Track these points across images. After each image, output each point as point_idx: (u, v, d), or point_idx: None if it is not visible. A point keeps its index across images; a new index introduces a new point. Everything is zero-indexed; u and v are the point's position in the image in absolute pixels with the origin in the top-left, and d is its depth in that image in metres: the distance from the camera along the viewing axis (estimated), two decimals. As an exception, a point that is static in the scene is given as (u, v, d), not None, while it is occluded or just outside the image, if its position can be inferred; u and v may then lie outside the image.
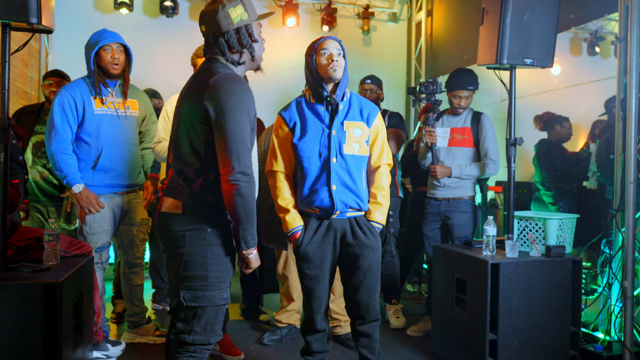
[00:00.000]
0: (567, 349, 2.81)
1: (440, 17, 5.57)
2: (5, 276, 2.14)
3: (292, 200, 2.37)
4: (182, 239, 1.87)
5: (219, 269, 1.89)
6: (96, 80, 2.88)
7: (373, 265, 2.35)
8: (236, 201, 1.81)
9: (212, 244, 1.88)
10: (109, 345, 2.89)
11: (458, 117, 3.40)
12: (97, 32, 2.93)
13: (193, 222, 1.87)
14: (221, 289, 1.90)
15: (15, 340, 2.05)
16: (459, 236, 3.31)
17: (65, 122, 2.82)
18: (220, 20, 1.91)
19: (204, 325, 1.89)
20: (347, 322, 3.25)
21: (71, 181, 2.82)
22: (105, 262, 3.02)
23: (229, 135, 1.80)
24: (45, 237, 2.37)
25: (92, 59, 2.86)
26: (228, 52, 1.94)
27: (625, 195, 2.86)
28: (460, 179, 3.32)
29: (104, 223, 2.93)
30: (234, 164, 1.79)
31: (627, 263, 2.86)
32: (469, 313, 2.79)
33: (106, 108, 2.92)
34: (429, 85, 3.19)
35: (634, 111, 2.83)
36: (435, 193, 3.41)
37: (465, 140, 3.35)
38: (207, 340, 1.90)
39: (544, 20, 2.94)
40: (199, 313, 1.88)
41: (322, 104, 2.34)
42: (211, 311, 1.89)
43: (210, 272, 1.87)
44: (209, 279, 1.87)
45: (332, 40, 2.34)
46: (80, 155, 2.88)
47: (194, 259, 1.86)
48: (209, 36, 1.97)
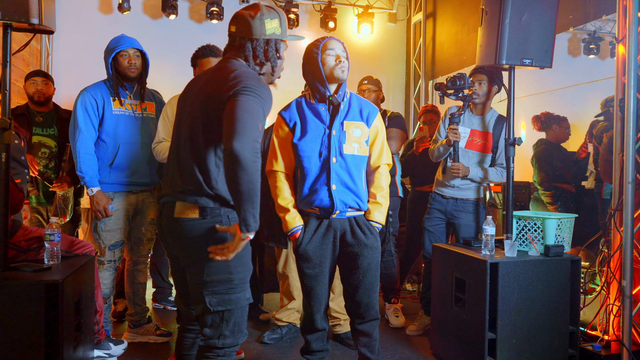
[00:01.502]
0: (566, 348, 2.83)
1: (439, 17, 5.59)
2: (6, 276, 2.15)
3: (292, 200, 2.38)
4: (203, 244, 1.80)
5: (242, 270, 1.87)
6: (114, 83, 2.99)
7: (372, 265, 2.37)
8: (239, 176, 1.63)
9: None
10: (111, 344, 2.90)
11: (481, 119, 3.26)
12: (115, 38, 3.03)
13: (213, 225, 1.81)
14: (245, 289, 1.88)
15: (16, 339, 2.05)
16: (465, 237, 3.25)
17: (89, 122, 2.93)
18: (255, 26, 1.90)
19: (232, 328, 1.86)
20: (347, 321, 3.26)
21: (88, 183, 2.91)
22: (118, 261, 3.05)
23: (240, 106, 1.69)
24: (46, 236, 2.38)
25: (110, 64, 2.97)
26: (252, 59, 1.92)
27: (623, 195, 2.88)
28: (471, 182, 3.25)
29: (118, 221, 3.01)
30: (240, 133, 1.64)
31: (625, 262, 2.87)
32: (468, 312, 2.81)
33: (124, 109, 3.02)
34: (456, 81, 3.07)
35: (632, 111, 2.84)
36: (443, 190, 3.33)
37: (484, 145, 3.22)
38: (236, 341, 1.89)
39: (543, 21, 2.95)
40: (226, 316, 1.84)
41: (324, 103, 2.35)
42: (238, 312, 1.87)
43: (234, 274, 1.84)
44: (234, 282, 1.84)
45: (337, 41, 2.35)
46: (99, 154, 2.97)
47: (218, 263, 1.80)
48: (237, 38, 1.94)
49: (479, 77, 3.21)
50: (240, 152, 1.62)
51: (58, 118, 3.51)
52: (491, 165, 3.26)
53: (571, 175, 4.43)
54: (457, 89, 3.07)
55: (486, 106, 3.26)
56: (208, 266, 1.82)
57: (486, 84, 3.21)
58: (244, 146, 1.63)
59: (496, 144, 3.21)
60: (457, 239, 3.32)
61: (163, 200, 1.94)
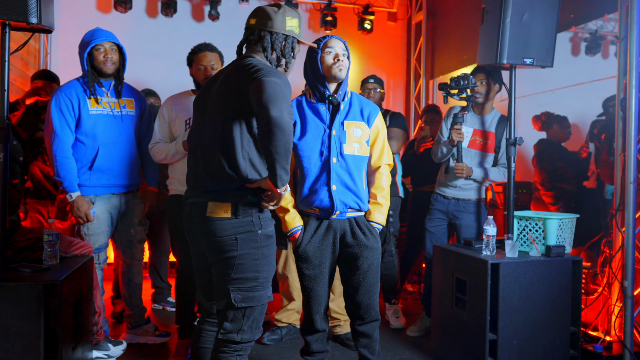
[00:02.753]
0: (567, 349, 2.81)
1: (440, 16, 5.57)
2: (5, 276, 2.14)
3: (292, 200, 2.37)
4: (233, 242, 1.89)
5: (268, 269, 1.95)
6: (90, 80, 2.87)
7: (373, 266, 2.35)
8: (278, 138, 1.71)
9: (262, 246, 1.93)
10: (110, 345, 2.89)
11: (484, 119, 3.26)
12: (89, 32, 2.91)
13: (243, 225, 1.89)
14: (267, 287, 1.97)
15: (15, 340, 2.05)
16: (466, 237, 3.23)
17: (65, 124, 2.81)
18: (276, 20, 1.95)
19: (250, 324, 1.94)
20: (347, 322, 3.25)
21: (67, 188, 2.80)
22: (103, 263, 3.01)
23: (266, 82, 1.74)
24: (45, 237, 2.36)
25: (85, 59, 2.86)
26: (270, 51, 1.97)
27: (625, 195, 2.87)
28: (473, 182, 3.23)
29: (101, 224, 2.92)
30: (275, 100, 1.70)
31: (627, 263, 2.86)
32: (469, 313, 2.79)
33: (101, 108, 2.89)
34: (460, 81, 3.05)
35: (634, 111, 2.83)
36: (444, 191, 3.32)
37: (488, 145, 3.21)
38: (253, 337, 1.96)
39: (544, 20, 2.94)
40: (247, 313, 1.92)
41: (324, 103, 2.34)
42: (258, 310, 1.95)
43: (261, 272, 1.92)
44: (259, 280, 1.92)
45: (338, 40, 2.33)
46: (77, 156, 2.85)
47: (246, 262, 1.90)
48: (256, 31, 1.98)
49: (480, 77, 3.21)
50: (279, 116, 1.69)
51: None
52: (493, 165, 3.24)
53: (572, 175, 4.41)
54: (461, 88, 3.06)
55: (488, 105, 3.26)
56: (237, 264, 1.89)
57: (487, 83, 3.20)
58: (281, 111, 1.70)
59: (498, 143, 3.20)
60: (458, 239, 3.31)
61: (191, 200, 1.99)
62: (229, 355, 1.93)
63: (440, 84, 3.19)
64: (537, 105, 4.70)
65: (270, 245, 1.97)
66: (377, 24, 5.84)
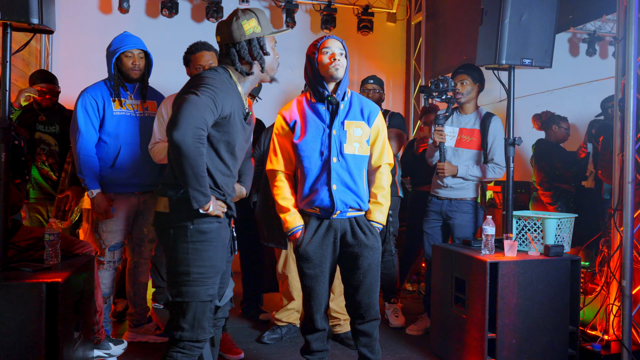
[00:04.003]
0: (566, 348, 2.83)
1: (439, 17, 5.58)
2: (6, 276, 2.15)
3: (292, 200, 2.38)
4: (169, 236, 1.95)
5: (202, 265, 1.93)
6: (116, 83, 2.97)
7: (373, 265, 2.36)
8: (181, 162, 1.79)
9: (195, 241, 1.92)
10: (110, 344, 2.90)
11: (468, 117, 3.32)
12: (119, 37, 3.00)
13: (177, 219, 1.93)
14: (206, 285, 1.94)
15: (16, 339, 2.06)
16: (460, 237, 3.27)
17: (89, 123, 2.92)
18: (233, 31, 2.00)
19: (190, 322, 1.93)
20: (347, 321, 3.26)
21: (88, 185, 2.90)
22: (117, 262, 3.05)
23: (184, 100, 1.81)
24: (46, 236, 2.38)
25: (113, 63, 2.95)
26: (238, 62, 2.03)
27: (623, 195, 2.88)
28: (464, 180, 3.27)
29: (119, 222, 3.00)
30: (179, 122, 1.76)
31: (625, 262, 2.87)
32: (468, 312, 2.81)
33: (125, 109, 3.00)
34: (439, 84, 3.14)
35: (632, 111, 2.84)
36: (438, 192, 3.36)
37: (473, 142, 3.27)
38: (195, 337, 1.94)
39: (543, 21, 2.95)
40: (184, 308, 1.93)
41: (323, 103, 2.35)
42: (196, 307, 1.93)
43: (192, 267, 1.92)
44: (191, 275, 1.92)
45: (335, 40, 2.34)
46: (100, 155, 2.96)
47: (178, 255, 1.93)
48: (223, 46, 2.05)
49: (461, 78, 3.29)
50: (181, 140, 1.76)
51: (61, 117, 3.48)
52: (484, 163, 3.27)
53: (571, 175, 4.43)
54: (441, 91, 3.15)
55: (471, 104, 3.33)
56: (170, 257, 1.96)
57: (469, 83, 3.27)
58: (184, 134, 1.76)
59: (485, 140, 3.24)
60: (453, 239, 3.33)
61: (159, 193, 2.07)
62: (171, 351, 1.96)
63: (420, 86, 3.32)
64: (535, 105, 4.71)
65: (206, 242, 1.94)
66: (377, 25, 5.84)
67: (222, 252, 2.02)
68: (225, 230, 2.05)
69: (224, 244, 2.04)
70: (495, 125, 3.24)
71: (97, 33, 4.79)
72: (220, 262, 2.00)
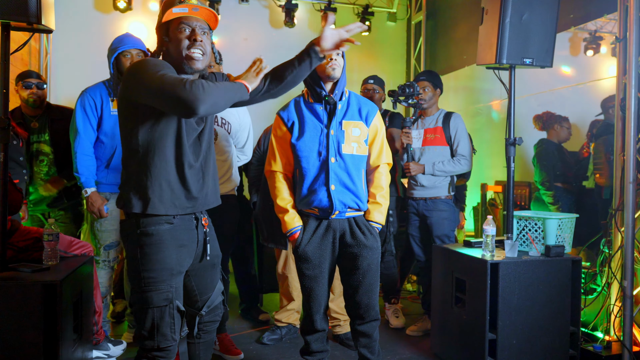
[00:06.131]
0: (567, 349, 2.82)
1: (439, 17, 5.57)
2: (5, 276, 2.14)
3: (291, 200, 2.37)
4: (125, 243, 1.92)
5: (152, 269, 1.83)
6: (114, 83, 2.98)
7: (372, 266, 2.35)
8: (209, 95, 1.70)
9: (143, 244, 1.84)
10: (110, 344, 2.89)
11: (430, 118, 3.49)
12: (119, 37, 3.02)
13: (128, 226, 1.88)
14: (159, 289, 1.84)
15: (15, 340, 2.05)
16: (438, 234, 3.39)
17: (87, 123, 2.94)
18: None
19: (149, 329, 1.85)
20: (347, 322, 3.25)
21: (84, 184, 2.92)
22: (112, 261, 3.05)
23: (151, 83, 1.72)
24: (44, 237, 2.37)
25: (112, 63, 2.96)
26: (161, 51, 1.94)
27: (624, 195, 2.87)
28: (436, 179, 3.40)
29: (113, 222, 2.99)
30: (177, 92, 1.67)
31: (626, 262, 2.86)
32: (469, 313, 2.80)
33: None
34: (405, 89, 3.30)
35: (633, 111, 2.83)
36: (413, 193, 3.50)
37: (437, 139, 3.43)
38: (157, 344, 1.85)
39: (544, 20, 2.94)
40: (142, 315, 1.85)
41: (321, 103, 2.34)
42: (153, 313, 1.83)
43: (143, 272, 1.84)
44: (144, 280, 1.84)
45: None
46: (97, 154, 2.98)
47: (130, 261, 1.88)
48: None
49: (423, 84, 3.48)
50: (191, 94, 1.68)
51: (49, 120, 3.36)
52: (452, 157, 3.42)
53: (572, 175, 4.42)
54: (407, 95, 3.32)
55: (433, 108, 3.51)
56: (127, 264, 1.93)
57: (430, 89, 3.48)
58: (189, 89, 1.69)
59: (448, 135, 3.41)
60: (432, 238, 3.42)
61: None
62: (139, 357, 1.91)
63: (389, 91, 3.44)
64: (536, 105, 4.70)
65: (153, 244, 1.84)
66: (377, 24, 5.84)
67: (177, 254, 1.88)
68: (185, 232, 1.91)
69: (180, 244, 1.89)
70: (454, 120, 3.43)
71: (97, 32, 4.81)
72: (175, 265, 1.87)
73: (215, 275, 2.09)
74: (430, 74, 3.56)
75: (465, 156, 3.37)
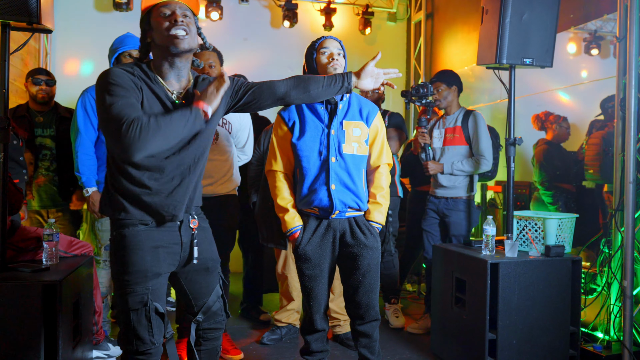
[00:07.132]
0: (567, 349, 2.82)
1: (439, 16, 5.58)
2: (4, 276, 2.14)
3: (291, 200, 2.37)
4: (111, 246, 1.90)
5: (126, 272, 1.81)
6: None
7: (372, 266, 2.35)
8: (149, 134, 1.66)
9: (118, 248, 1.82)
10: (109, 344, 2.89)
11: (451, 117, 3.49)
12: (120, 37, 3.03)
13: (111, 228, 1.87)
14: (134, 292, 1.80)
15: (14, 340, 2.05)
16: (455, 234, 3.41)
17: (88, 122, 2.95)
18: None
19: (125, 332, 1.82)
20: (347, 322, 3.25)
21: (85, 183, 2.93)
22: None
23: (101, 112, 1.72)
24: (44, 237, 2.37)
25: (113, 64, 2.98)
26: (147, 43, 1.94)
27: (624, 195, 2.87)
28: (456, 179, 3.41)
29: None
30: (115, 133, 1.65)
31: (626, 262, 2.86)
32: (469, 313, 2.80)
33: None
34: (419, 89, 3.29)
35: (633, 111, 2.83)
36: (435, 191, 3.52)
37: (457, 139, 3.44)
38: (134, 347, 1.81)
39: (544, 20, 2.94)
40: (121, 318, 1.83)
41: (322, 103, 2.34)
42: (131, 316, 1.80)
43: (119, 275, 1.82)
44: (119, 283, 1.82)
45: (333, 40, 2.35)
46: (99, 154, 2.98)
47: (111, 265, 1.88)
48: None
49: (437, 85, 3.49)
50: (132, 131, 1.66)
51: (57, 117, 3.45)
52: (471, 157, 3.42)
53: (572, 175, 4.42)
54: (421, 96, 3.31)
55: (452, 105, 3.51)
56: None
57: (444, 88, 3.47)
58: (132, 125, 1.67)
59: (468, 135, 3.41)
60: (449, 237, 3.44)
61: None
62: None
63: (402, 91, 3.41)
64: (536, 105, 4.70)
65: (127, 247, 1.80)
66: (377, 24, 5.84)
67: (153, 256, 1.83)
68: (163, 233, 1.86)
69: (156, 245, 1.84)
70: (473, 119, 3.42)
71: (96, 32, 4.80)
72: (150, 266, 1.82)
73: (210, 280, 2.03)
74: (442, 73, 3.56)
75: (485, 156, 3.34)
